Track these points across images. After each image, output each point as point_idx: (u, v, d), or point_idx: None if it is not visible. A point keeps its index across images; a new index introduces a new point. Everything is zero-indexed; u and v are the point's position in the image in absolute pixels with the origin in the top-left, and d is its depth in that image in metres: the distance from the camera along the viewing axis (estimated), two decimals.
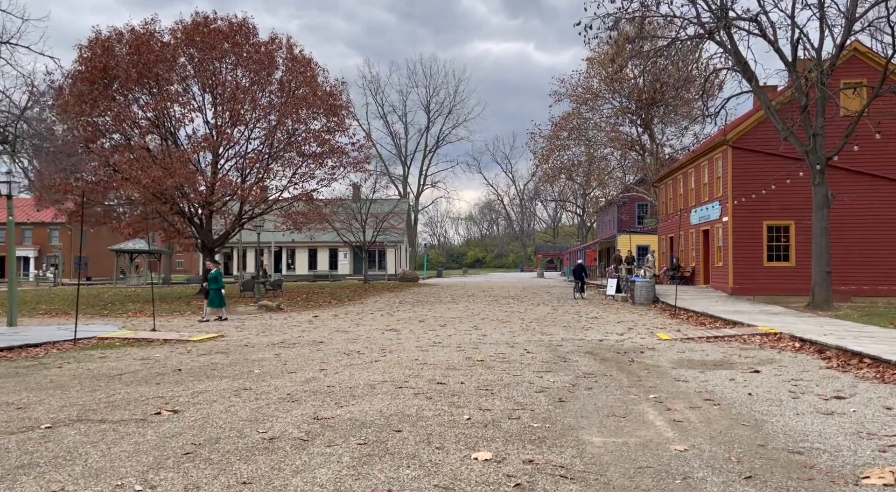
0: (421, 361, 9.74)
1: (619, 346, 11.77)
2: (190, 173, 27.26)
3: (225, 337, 14.24)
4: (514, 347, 11.63)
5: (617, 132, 39.33)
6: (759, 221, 24.64)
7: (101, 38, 28.13)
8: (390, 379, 8.22)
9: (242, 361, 9.96)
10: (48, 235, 67.12)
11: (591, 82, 38.68)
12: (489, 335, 13.71)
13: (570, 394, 7.27)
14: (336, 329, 15.45)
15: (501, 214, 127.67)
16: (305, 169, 33.78)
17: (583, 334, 13.84)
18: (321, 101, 32.48)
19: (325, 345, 12.11)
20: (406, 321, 17.46)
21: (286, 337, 13.75)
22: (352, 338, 13.37)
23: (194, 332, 15.32)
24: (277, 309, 23.18)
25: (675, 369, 8.99)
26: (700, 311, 18.42)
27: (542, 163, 42.07)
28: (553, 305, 23.94)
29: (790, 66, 19.55)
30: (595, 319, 17.72)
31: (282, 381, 8.16)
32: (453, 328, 15.37)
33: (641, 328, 15.24)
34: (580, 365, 9.41)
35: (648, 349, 11.23)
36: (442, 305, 24.10)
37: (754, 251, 24.65)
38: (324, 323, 17.31)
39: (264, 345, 12.26)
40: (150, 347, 12.27)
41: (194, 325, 17.38)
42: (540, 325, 16.14)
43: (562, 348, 11.39)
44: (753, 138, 24.85)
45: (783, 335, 12.02)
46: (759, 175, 24.47)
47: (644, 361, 9.77)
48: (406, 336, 13.62)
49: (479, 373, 8.66)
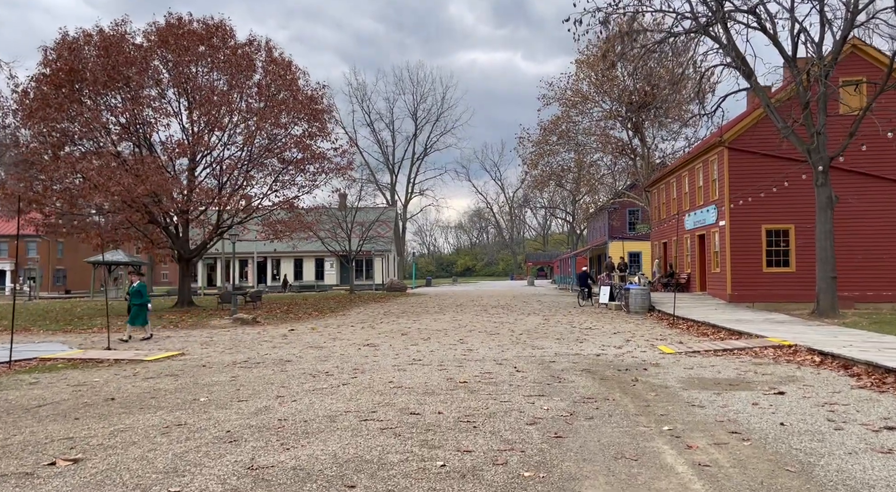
0: (395, 384, 8.51)
1: (618, 361, 10.60)
2: (163, 180, 25.92)
3: (186, 355, 12.94)
4: (502, 364, 10.43)
5: (607, 136, 38.36)
6: (758, 224, 23.64)
7: (67, 40, 26.80)
8: (356, 408, 6.99)
9: (191, 387, 8.69)
10: (25, 248, 65.25)
11: (580, 85, 37.74)
12: (475, 350, 12.50)
13: (568, 426, 6.08)
14: (309, 345, 14.19)
15: (491, 222, 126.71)
16: (286, 176, 32.54)
17: (578, 348, 12.66)
18: (302, 105, 31.28)
19: (291, 364, 10.85)
20: (387, 335, 16.22)
21: (252, 355, 12.48)
22: (324, 355, 12.11)
23: (155, 349, 14.01)
24: (253, 322, 21.86)
25: (687, 391, 7.82)
26: (700, 320, 17.31)
27: (531, 168, 41.01)
28: (544, 314, 22.77)
29: (790, 61, 18.58)
30: (589, 330, 16.55)
31: (227, 412, 6.91)
32: (437, 342, 14.15)
33: (640, 340, 14.09)
34: (577, 386, 8.22)
35: (652, 365, 10.06)
36: (428, 316, 22.87)
37: (753, 256, 23.62)
38: (298, 337, 16.03)
39: (224, 365, 10.98)
40: (94, 369, 10.95)
41: (158, 341, 16.05)
42: (531, 337, 14.95)
43: (555, 365, 10.19)
44: (750, 139, 23.89)
45: (799, 348, 10.88)
46: (757, 177, 23.49)
47: (649, 381, 8.60)
48: (384, 352, 12.38)
49: (460, 399, 7.44)
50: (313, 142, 32.03)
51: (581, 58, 37.14)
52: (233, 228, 30.38)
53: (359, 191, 51.15)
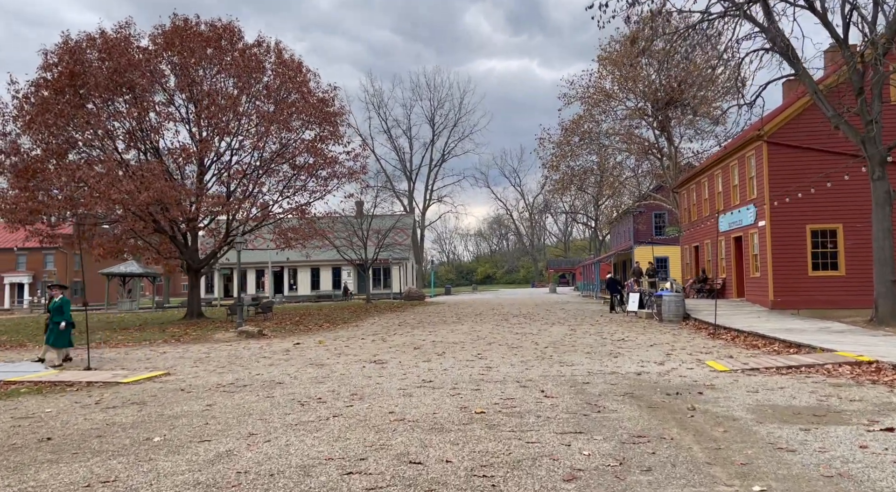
0: (397, 416, 6.98)
1: (665, 382, 8.96)
2: (167, 187, 24.74)
3: (172, 375, 11.56)
4: (526, 386, 8.85)
5: (632, 135, 36.60)
6: (802, 225, 21.76)
7: (69, 44, 25.84)
8: (341, 453, 5.47)
9: (153, 420, 7.24)
10: (43, 260, 64.94)
11: (602, 83, 36.06)
12: (495, 368, 10.93)
13: (620, 484, 4.50)
14: (311, 362, 12.72)
15: (511, 229, 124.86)
16: (298, 182, 31.31)
17: (613, 364, 11.03)
18: (313, 108, 30.06)
19: (282, 387, 9.38)
20: (398, 349, 14.71)
21: (243, 375, 11.03)
22: (322, 376, 10.63)
23: (141, 368, 12.67)
24: (259, 335, 20.52)
25: (763, 425, 6.19)
26: (745, 329, 15.56)
27: (552, 171, 39.34)
28: (570, 324, 21.10)
29: (842, 43, 16.81)
30: (622, 342, 14.89)
31: (176, 460, 5.44)
32: (452, 358, 12.60)
33: (682, 354, 12.41)
34: (622, 418, 6.63)
35: (706, 387, 8.42)
36: (445, 327, 21.33)
37: (797, 259, 21.74)
38: (302, 353, 14.59)
39: (206, 389, 9.54)
40: (58, 394, 9.58)
41: (151, 358, 14.74)
42: (557, 351, 13.33)
43: (590, 388, 8.60)
44: (791, 132, 22.06)
45: (882, 365, 9.15)
46: (800, 173, 21.66)
47: (710, 409, 6.97)
48: (391, 371, 10.86)
49: (475, 438, 5.89)
50: (325, 146, 30.78)
51: (603, 54, 35.53)
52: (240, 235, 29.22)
53: (374, 197, 49.84)
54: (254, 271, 61.04)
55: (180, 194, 25.58)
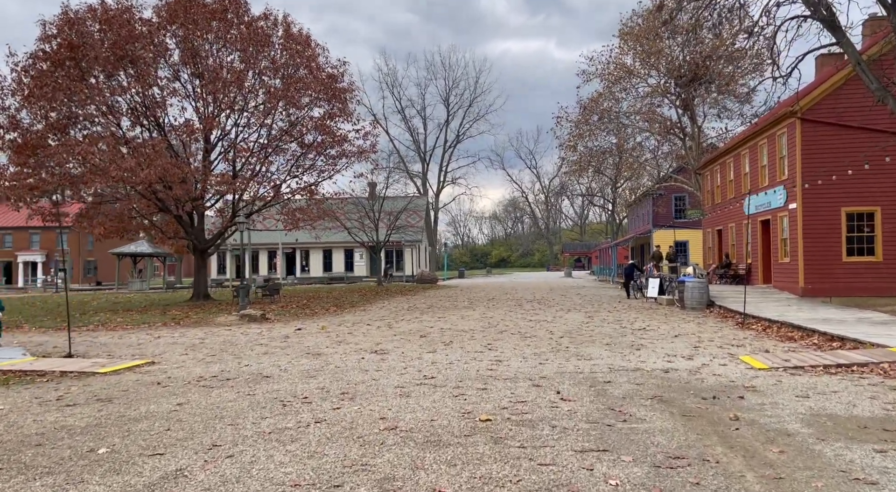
0: (389, 423, 6.00)
1: (697, 382, 7.91)
2: (170, 164, 23.87)
3: (156, 364, 10.70)
4: (539, 385, 7.84)
5: (653, 114, 35.12)
6: (836, 207, 20.43)
7: (69, 15, 24.90)
8: (311, 477, 4.50)
9: (112, 422, 6.33)
10: (56, 239, 64.78)
11: (623, 59, 34.54)
12: (506, 361, 9.93)
13: None
14: (307, 351, 11.80)
15: (526, 212, 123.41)
16: (306, 161, 30.34)
17: (636, 359, 9.98)
18: (322, 84, 28.98)
19: (268, 382, 8.45)
20: (404, 337, 13.76)
21: (231, 366, 10.13)
22: (316, 368, 9.69)
23: (127, 356, 11.83)
24: (261, 319, 19.70)
25: (827, 443, 5.13)
26: (777, 319, 14.40)
27: (569, 151, 37.97)
28: (587, 310, 20.03)
29: (890, 7, 15.39)
30: (644, 332, 13.82)
31: (114, 482, 4.50)
32: (460, 348, 11.62)
33: (711, 346, 11.33)
34: (652, 430, 5.60)
35: (747, 390, 7.35)
36: (456, 312, 20.36)
37: (830, 244, 20.45)
38: (301, 340, 13.70)
39: (184, 383, 8.64)
40: (23, 386, 8.73)
41: (142, 344, 13.94)
42: (574, 341, 12.30)
43: (613, 388, 7.57)
44: (827, 109, 20.64)
45: None
46: (836, 153, 20.29)
47: (756, 420, 5.92)
48: (391, 364, 9.90)
49: (477, 457, 4.89)
50: (334, 123, 29.73)
51: (625, 29, 33.97)
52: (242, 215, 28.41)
53: (386, 178, 48.78)
54: (265, 253, 60.46)
55: (184, 172, 24.70)
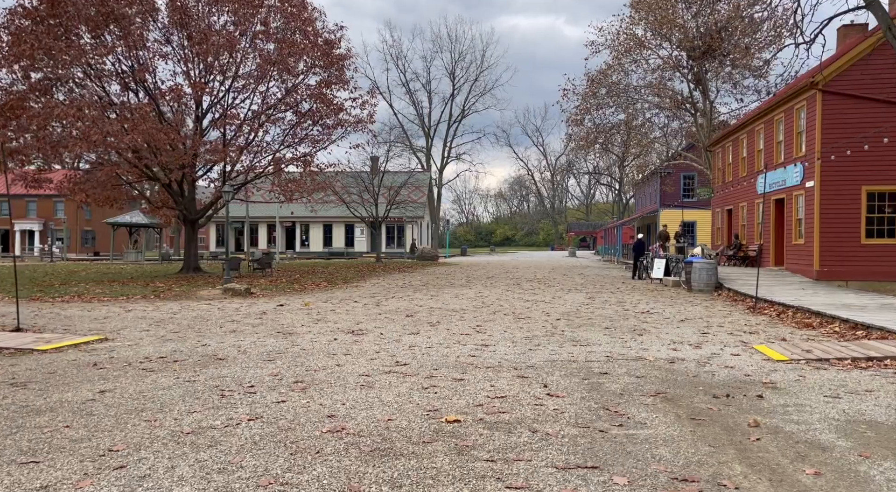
0: (336, 424, 4.97)
1: (707, 375, 6.87)
2: (155, 129, 22.74)
3: (109, 340, 9.74)
4: (525, 376, 6.81)
5: (664, 88, 33.67)
6: (857, 185, 19.22)
7: None
8: None
9: (11, 413, 5.35)
10: (53, 208, 63.92)
11: (634, 30, 33.01)
12: (492, 346, 8.91)
13: None
14: (279, 330, 10.82)
15: (532, 191, 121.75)
16: (301, 131, 29.14)
17: (638, 346, 8.94)
18: (319, 49, 27.69)
19: (218, 366, 7.45)
20: (389, 316, 12.77)
21: (186, 346, 9.15)
22: (279, 350, 8.70)
23: (85, 331, 10.89)
24: (245, 294, 18.71)
25: (870, 460, 4.09)
26: (792, 303, 13.32)
27: (574, 125, 36.55)
28: (588, 291, 18.99)
29: None
30: (647, 315, 12.78)
31: None
32: (445, 330, 10.61)
33: (721, 333, 10.28)
34: (655, 440, 4.57)
35: (766, 386, 6.31)
36: (451, 290, 19.37)
37: (849, 225, 19.28)
38: (277, 317, 12.72)
39: (125, 364, 7.66)
40: None
41: (108, 318, 13.00)
42: (571, 324, 11.27)
43: (609, 382, 6.53)
44: (851, 81, 19.32)
45: None
46: (858, 128, 19.01)
47: (779, 426, 4.88)
48: (364, 347, 8.90)
49: (430, 477, 3.87)
50: (330, 91, 28.48)
51: None
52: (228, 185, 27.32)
53: (387, 152, 47.48)
54: (265, 226, 59.47)
55: (170, 138, 23.57)
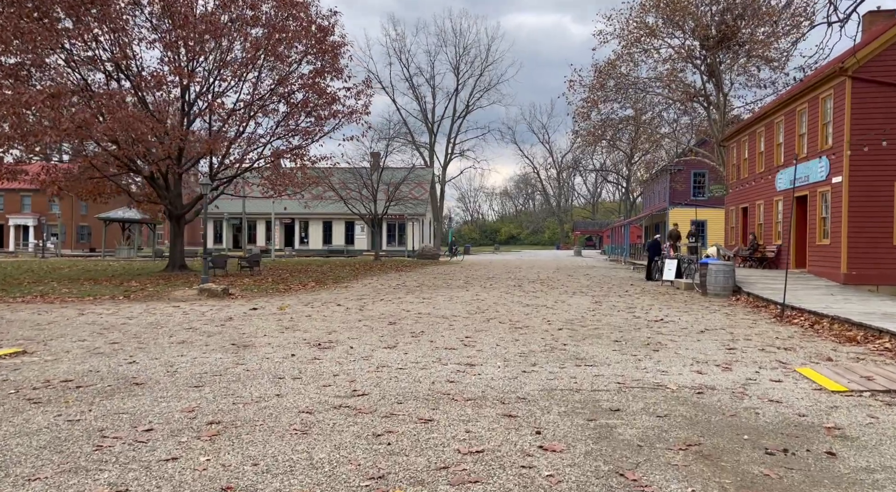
0: None
1: (748, 415, 5.31)
2: (131, 117, 21.27)
3: (27, 354, 8.27)
4: (514, 415, 5.26)
5: (675, 80, 32.01)
6: (889, 181, 17.59)
7: None
8: None
9: None
10: (48, 203, 62.68)
11: (645, 17, 31.34)
12: (479, 366, 7.37)
13: None
14: (235, 341, 9.31)
15: (538, 189, 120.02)
16: (292, 122, 27.67)
17: (654, 366, 7.39)
18: (313, 37, 26.22)
19: (128, 395, 5.95)
20: (369, 323, 11.24)
21: (112, 362, 7.65)
22: (216, 371, 7.18)
23: (8, 342, 9.40)
24: (223, 294, 17.25)
25: None
26: (825, 313, 11.73)
27: (581, 119, 34.90)
28: (594, 294, 17.43)
29: None
30: (662, 324, 11.22)
31: None
32: (428, 342, 9.08)
33: (750, 348, 8.72)
34: None
35: (831, 434, 4.76)
36: (445, 293, 17.84)
37: (881, 224, 17.65)
38: (244, 324, 11.23)
39: (15, 389, 6.16)
40: None
41: (53, 323, 11.55)
42: (574, 336, 9.72)
43: (622, 425, 4.98)
44: (884, 66, 17.68)
45: None
46: (892, 118, 17.38)
47: None
48: (324, 366, 7.37)
49: None
50: (323, 80, 26.99)
51: None
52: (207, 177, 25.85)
53: (386, 146, 45.94)
54: (264, 223, 58.10)
55: (153, 127, 22.10)
